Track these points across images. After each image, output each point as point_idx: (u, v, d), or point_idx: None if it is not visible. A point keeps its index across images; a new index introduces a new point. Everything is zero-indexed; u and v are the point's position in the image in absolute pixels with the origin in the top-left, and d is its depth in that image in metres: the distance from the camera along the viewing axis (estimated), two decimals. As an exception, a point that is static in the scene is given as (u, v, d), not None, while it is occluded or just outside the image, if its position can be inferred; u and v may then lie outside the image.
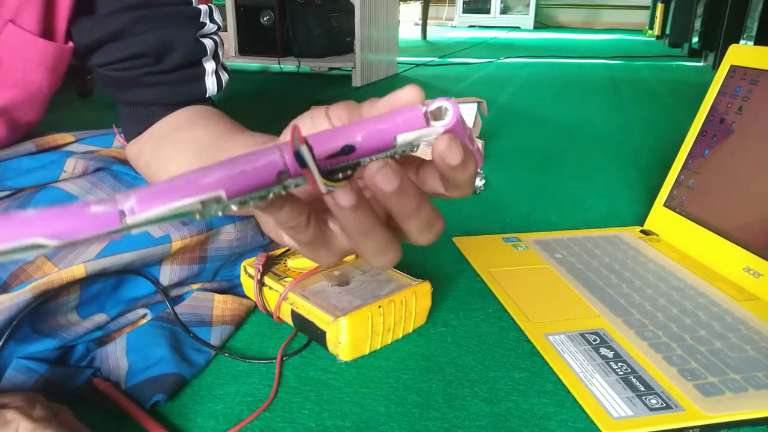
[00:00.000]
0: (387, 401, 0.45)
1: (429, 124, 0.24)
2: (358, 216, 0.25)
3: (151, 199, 0.20)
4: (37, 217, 0.19)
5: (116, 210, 0.20)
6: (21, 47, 0.50)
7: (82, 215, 0.19)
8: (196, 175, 0.21)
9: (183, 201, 0.21)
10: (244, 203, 0.22)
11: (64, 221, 0.19)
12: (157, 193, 0.20)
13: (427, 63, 2.82)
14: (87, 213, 0.19)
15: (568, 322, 0.54)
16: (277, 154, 0.22)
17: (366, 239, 0.27)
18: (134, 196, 0.20)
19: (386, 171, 0.24)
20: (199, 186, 0.21)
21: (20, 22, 0.49)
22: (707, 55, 2.93)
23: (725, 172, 0.67)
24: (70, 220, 0.19)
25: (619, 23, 6.03)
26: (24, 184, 0.55)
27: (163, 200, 0.20)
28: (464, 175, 0.26)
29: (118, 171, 0.58)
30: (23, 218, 0.19)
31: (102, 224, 0.20)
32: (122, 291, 0.51)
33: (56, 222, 0.19)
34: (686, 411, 0.43)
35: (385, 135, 0.23)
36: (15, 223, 0.18)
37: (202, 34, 0.56)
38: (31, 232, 0.18)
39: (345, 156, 0.23)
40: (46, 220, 0.19)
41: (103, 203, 0.20)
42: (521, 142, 1.31)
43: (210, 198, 0.21)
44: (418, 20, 5.28)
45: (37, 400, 0.36)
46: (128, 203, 0.20)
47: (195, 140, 0.50)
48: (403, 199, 0.25)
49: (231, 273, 0.59)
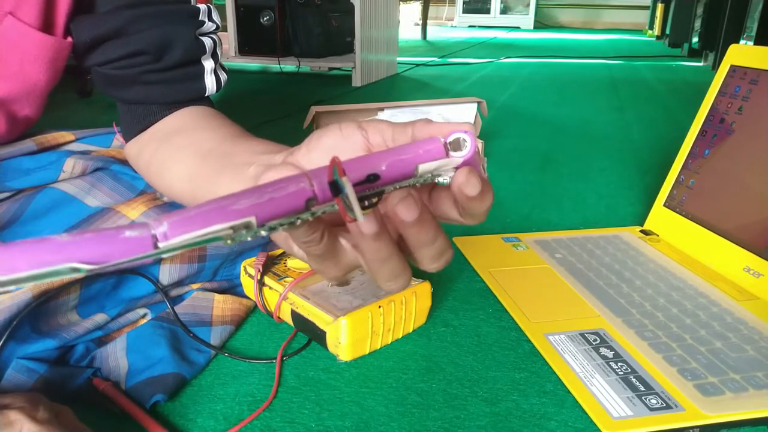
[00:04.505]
0: (387, 401, 0.45)
1: (448, 154, 0.25)
2: (379, 244, 0.26)
3: (183, 224, 0.21)
4: (71, 242, 0.19)
5: (149, 235, 0.20)
6: (19, 39, 0.50)
7: (116, 240, 0.20)
8: (227, 201, 0.22)
9: (214, 227, 0.21)
10: (273, 229, 0.23)
11: (98, 246, 0.19)
12: (189, 220, 0.21)
13: (427, 63, 2.82)
14: (121, 238, 0.20)
15: (568, 322, 0.54)
16: (306, 182, 0.23)
17: (382, 266, 0.28)
18: (166, 221, 0.21)
19: (408, 201, 0.25)
20: (230, 212, 0.22)
21: (20, 14, 0.49)
22: (707, 55, 2.93)
23: (725, 172, 0.67)
24: (105, 245, 0.19)
25: (619, 23, 6.03)
26: (24, 184, 0.55)
27: (196, 226, 0.21)
28: (482, 206, 0.27)
29: (117, 171, 0.58)
30: (59, 243, 0.19)
31: (135, 249, 0.20)
32: (122, 291, 0.51)
33: (91, 247, 0.19)
34: (686, 411, 0.43)
35: (407, 165, 0.25)
36: (50, 249, 0.19)
37: (201, 32, 0.56)
38: (67, 257, 0.19)
39: (369, 184, 0.24)
40: (81, 245, 0.19)
41: (136, 228, 0.20)
42: (521, 142, 1.31)
43: (240, 224, 0.22)
44: (418, 20, 5.28)
45: (40, 401, 0.36)
46: (161, 228, 0.20)
47: (199, 143, 0.50)
48: (421, 229, 0.27)
49: (231, 273, 0.59)
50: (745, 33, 2.25)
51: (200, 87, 0.57)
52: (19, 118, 0.56)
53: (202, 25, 0.56)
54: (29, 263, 0.18)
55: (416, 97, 1.89)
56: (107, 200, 0.54)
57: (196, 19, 0.55)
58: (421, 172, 0.25)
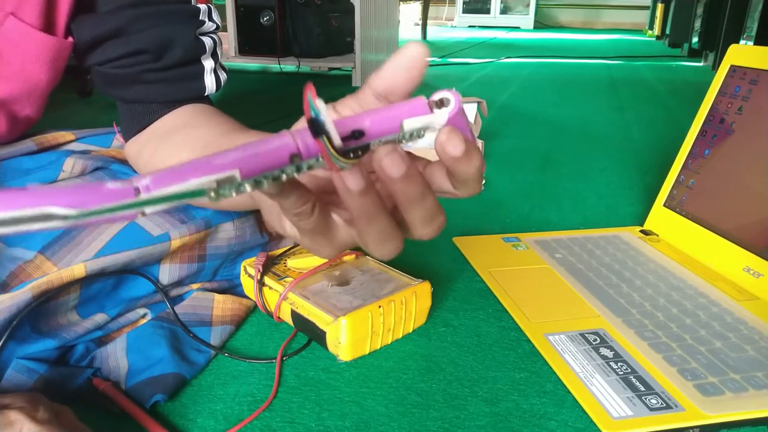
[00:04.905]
0: (387, 401, 0.45)
1: (432, 111, 0.25)
2: (365, 200, 0.26)
3: (166, 177, 0.21)
4: (50, 190, 0.19)
5: (131, 187, 0.20)
6: (20, 40, 0.50)
7: (96, 190, 0.20)
8: (211, 156, 0.22)
9: (198, 180, 0.21)
10: (258, 183, 0.23)
11: (77, 194, 0.19)
12: (172, 173, 0.21)
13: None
14: (102, 188, 0.20)
15: (568, 322, 0.54)
16: (290, 138, 0.23)
17: (370, 225, 0.28)
18: (149, 175, 0.21)
19: (394, 155, 0.25)
20: (213, 166, 0.22)
21: (21, 14, 0.49)
22: (707, 55, 2.93)
23: (725, 172, 0.67)
24: (84, 194, 0.20)
25: (619, 23, 6.03)
26: (24, 184, 0.55)
27: (178, 179, 0.21)
28: (469, 168, 0.26)
29: (117, 170, 0.58)
30: (36, 190, 0.19)
31: (115, 197, 0.20)
32: (122, 291, 0.51)
33: (69, 194, 0.19)
34: (686, 411, 0.43)
35: (392, 121, 0.24)
36: (28, 194, 0.19)
37: (201, 32, 0.56)
38: (44, 201, 0.19)
39: (354, 140, 0.24)
40: (60, 192, 0.19)
41: (119, 181, 0.20)
42: (521, 142, 1.31)
43: (224, 177, 0.22)
44: (418, 20, 5.28)
45: (41, 401, 0.36)
46: (143, 181, 0.21)
47: (197, 139, 0.50)
48: (408, 185, 0.26)
49: (231, 272, 0.59)
50: (745, 33, 2.25)
51: (200, 86, 0.57)
52: (20, 119, 0.56)
53: (202, 25, 0.56)
54: (3, 207, 0.18)
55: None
56: None
57: (196, 18, 0.55)
58: (406, 129, 0.25)
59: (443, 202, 0.89)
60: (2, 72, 0.51)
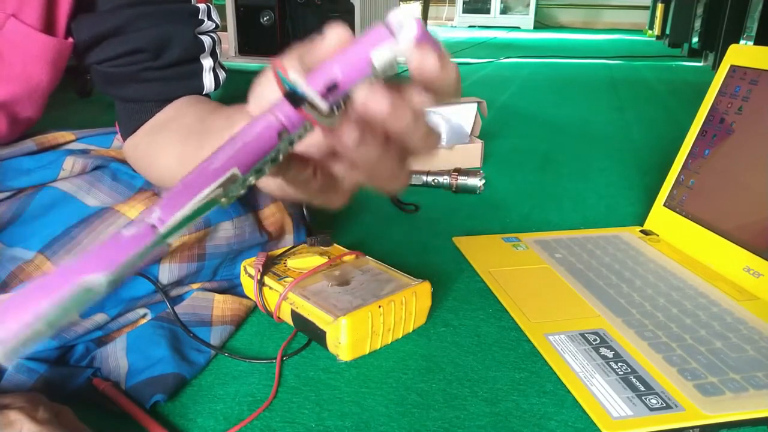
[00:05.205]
0: (387, 401, 0.45)
1: (395, 36, 0.24)
2: (365, 148, 0.26)
3: (173, 203, 0.21)
4: (79, 263, 0.19)
5: (147, 226, 0.20)
6: (22, 41, 0.50)
7: (117, 244, 0.20)
8: (204, 164, 0.22)
9: (203, 193, 0.21)
10: (260, 172, 0.23)
11: (102, 256, 0.19)
12: (176, 196, 0.21)
13: (427, 63, 2.81)
14: (122, 239, 0.20)
15: (568, 322, 0.54)
16: (272, 117, 0.23)
17: (378, 167, 0.28)
18: (157, 207, 0.21)
19: (375, 95, 0.24)
20: (210, 174, 0.22)
21: (22, 16, 0.49)
22: (707, 55, 2.93)
23: (725, 172, 0.67)
24: (108, 253, 0.20)
25: (619, 23, 6.03)
26: (24, 184, 0.55)
27: (185, 199, 0.21)
28: (446, 77, 0.26)
29: (116, 169, 0.58)
30: (67, 270, 0.19)
31: (139, 243, 0.20)
32: (122, 290, 0.51)
33: (95, 260, 0.19)
34: (686, 411, 0.43)
35: (360, 61, 0.24)
36: (62, 277, 0.19)
37: (200, 31, 0.56)
38: (76, 277, 0.19)
39: (331, 94, 0.24)
40: (86, 262, 0.19)
41: (132, 226, 0.20)
42: (521, 142, 1.31)
43: (226, 179, 0.22)
44: (418, 20, 5.27)
45: (40, 401, 0.36)
46: (154, 215, 0.21)
47: (182, 127, 0.50)
48: (398, 115, 0.26)
49: (231, 272, 0.59)
50: (745, 33, 2.25)
51: (198, 85, 0.57)
52: (21, 119, 0.56)
53: (201, 24, 0.56)
54: (46, 300, 0.18)
55: (416, 97, 1.89)
56: (107, 200, 0.54)
57: (195, 17, 0.56)
58: (378, 66, 0.24)
59: (443, 204, 0.89)
60: (4, 74, 0.51)
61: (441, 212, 0.86)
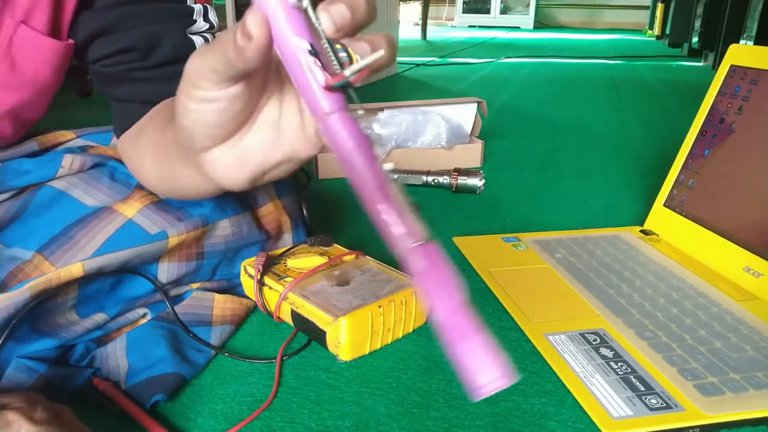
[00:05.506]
0: (387, 401, 0.45)
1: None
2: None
3: None
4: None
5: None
6: (32, 47, 0.50)
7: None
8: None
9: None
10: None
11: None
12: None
13: (427, 63, 2.82)
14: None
15: (568, 322, 0.54)
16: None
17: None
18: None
19: (336, 8, 0.25)
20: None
21: (31, 22, 0.49)
22: (707, 55, 2.93)
23: (725, 172, 0.67)
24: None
25: (619, 23, 6.03)
26: (24, 183, 0.55)
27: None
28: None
29: (114, 168, 0.58)
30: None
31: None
32: (121, 290, 0.51)
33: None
34: (686, 411, 0.43)
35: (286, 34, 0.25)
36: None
37: (191, 31, 0.56)
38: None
39: (313, 57, 0.25)
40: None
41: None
42: (521, 142, 1.31)
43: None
44: (418, 20, 5.27)
45: (39, 401, 0.36)
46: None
47: (156, 131, 0.49)
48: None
49: (230, 272, 0.59)
50: (745, 33, 2.25)
51: None
52: (26, 121, 0.56)
53: (192, 24, 0.55)
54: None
55: (416, 97, 1.89)
56: (105, 199, 0.54)
57: (188, 17, 0.55)
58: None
59: (443, 204, 0.89)
60: (15, 81, 0.51)
61: (441, 212, 0.86)
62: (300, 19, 0.25)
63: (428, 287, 0.24)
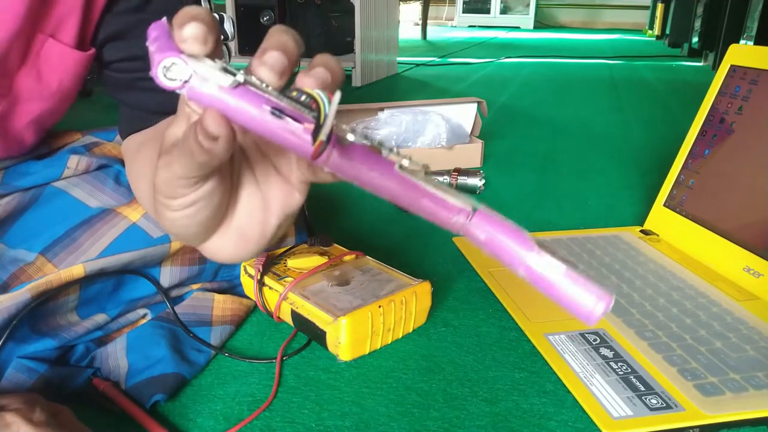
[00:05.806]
0: (387, 401, 0.45)
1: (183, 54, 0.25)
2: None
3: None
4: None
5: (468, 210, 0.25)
6: (59, 60, 0.50)
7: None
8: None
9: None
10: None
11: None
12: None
13: (427, 63, 2.82)
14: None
15: (568, 322, 0.54)
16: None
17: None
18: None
19: (268, 57, 0.25)
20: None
21: (59, 36, 0.49)
22: (707, 55, 2.93)
23: (725, 172, 0.67)
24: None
25: (619, 23, 6.03)
26: (29, 183, 0.55)
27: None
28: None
29: (119, 172, 0.58)
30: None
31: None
32: (122, 292, 0.51)
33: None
34: (686, 411, 0.43)
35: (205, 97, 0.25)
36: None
37: None
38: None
39: (282, 116, 0.24)
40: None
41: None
42: (521, 142, 1.31)
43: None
44: (418, 20, 5.27)
45: (38, 402, 0.36)
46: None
47: (152, 151, 0.48)
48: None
49: (231, 273, 0.59)
50: (745, 33, 2.25)
51: None
52: (46, 127, 0.56)
53: None
54: None
55: (416, 97, 1.89)
56: (109, 201, 0.54)
57: None
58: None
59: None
60: (41, 92, 0.51)
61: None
62: (247, 92, 0.24)
63: (502, 249, 0.25)
